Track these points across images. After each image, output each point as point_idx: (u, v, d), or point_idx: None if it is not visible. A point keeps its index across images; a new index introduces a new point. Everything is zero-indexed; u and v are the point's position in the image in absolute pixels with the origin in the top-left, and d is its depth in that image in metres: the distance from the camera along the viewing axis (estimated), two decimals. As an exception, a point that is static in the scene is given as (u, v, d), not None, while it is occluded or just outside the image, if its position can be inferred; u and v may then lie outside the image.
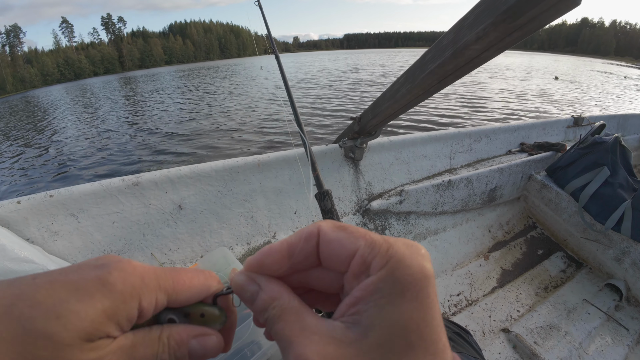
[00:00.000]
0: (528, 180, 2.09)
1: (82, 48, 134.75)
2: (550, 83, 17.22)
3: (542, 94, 13.03)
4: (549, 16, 0.56)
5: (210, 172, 1.29)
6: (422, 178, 1.84)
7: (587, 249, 1.82)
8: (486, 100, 11.08)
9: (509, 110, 9.56)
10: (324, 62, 42.84)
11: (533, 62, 43.54)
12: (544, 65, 35.97)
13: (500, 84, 15.98)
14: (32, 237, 1.03)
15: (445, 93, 11.92)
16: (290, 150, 1.48)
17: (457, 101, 10.89)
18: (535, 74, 22.87)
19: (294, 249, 0.24)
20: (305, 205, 1.55)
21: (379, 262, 0.21)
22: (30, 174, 6.80)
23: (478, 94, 12.72)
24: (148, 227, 1.21)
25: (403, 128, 7.45)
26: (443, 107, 9.78)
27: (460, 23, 0.71)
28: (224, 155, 6.36)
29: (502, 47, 0.67)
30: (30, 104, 24.77)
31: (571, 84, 17.25)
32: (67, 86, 58.96)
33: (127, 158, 6.95)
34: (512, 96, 12.40)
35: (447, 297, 1.61)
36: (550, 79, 19.43)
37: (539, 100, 11.54)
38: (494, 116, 8.72)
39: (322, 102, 11.56)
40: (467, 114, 8.81)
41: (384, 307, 0.19)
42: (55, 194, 1.05)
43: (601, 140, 1.82)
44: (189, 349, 0.24)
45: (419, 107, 8.96)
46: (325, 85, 16.67)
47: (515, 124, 2.28)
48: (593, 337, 1.41)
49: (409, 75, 0.98)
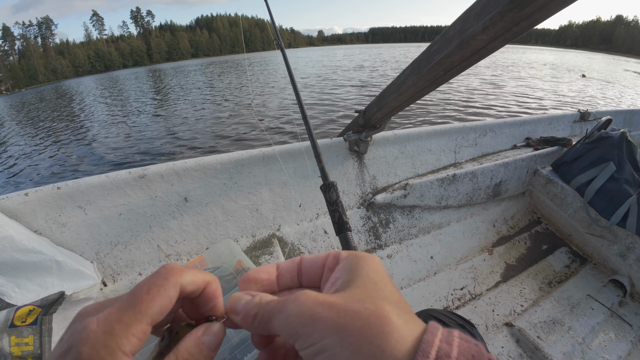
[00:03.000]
0: (533, 175, 2.08)
1: (112, 41, 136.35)
2: (575, 81, 16.57)
3: (557, 91, 12.74)
4: (555, 6, 0.56)
5: (215, 164, 1.30)
6: (426, 172, 1.84)
7: (592, 245, 1.81)
8: (495, 97, 10.93)
9: (519, 107, 9.44)
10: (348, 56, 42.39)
11: (564, 58, 42.19)
12: (575, 62, 34.70)
13: (516, 80, 15.58)
14: (40, 229, 1.05)
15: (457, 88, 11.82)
16: (295, 144, 1.48)
17: (465, 95, 10.80)
18: (562, 71, 22.11)
19: (280, 265, 0.32)
20: (309, 198, 1.56)
21: (344, 254, 0.29)
22: (54, 162, 6.97)
23: (488, 89, 12.58)
24: (154, 219, 1.22)
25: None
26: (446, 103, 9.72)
27: (467, 13, 0.70)
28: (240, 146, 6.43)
29: (509, 37, 0.66)
30: (63, 95, 25.44)
31: (598, 82, 16.56)
32: (97, 77, 60.44)
33: (151, 147, 7.06)
34: (528, 92, 12.14)
35: (451, 290, 1.61)
36: (577, 77, 18.65)
37: (554, 97, 11.32)
38: (500, 113, 8.63)
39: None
40: (473, 111, 8.73)
41: (354, 270, 0.27)
42: (63, 186, 1.06)
43: (607, 135, 1.80)
44: (207, 345, 0.27)
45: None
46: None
47: (521, 119, 2.26)
48: (596, 332, 1.41)
49: (414, 67, 0.97)
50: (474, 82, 13.73)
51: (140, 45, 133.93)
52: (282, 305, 0.25)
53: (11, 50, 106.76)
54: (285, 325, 0.24)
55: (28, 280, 0.88)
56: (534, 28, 0.64)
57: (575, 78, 17.85)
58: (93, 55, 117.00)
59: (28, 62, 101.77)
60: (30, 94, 39.09)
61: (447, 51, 0.77)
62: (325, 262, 0.30)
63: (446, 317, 0.84)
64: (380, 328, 0.21)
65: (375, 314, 0.22)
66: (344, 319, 0.22)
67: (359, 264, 0.27)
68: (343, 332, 0.21)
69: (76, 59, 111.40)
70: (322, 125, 7.33)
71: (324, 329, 0.22)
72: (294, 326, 0.23)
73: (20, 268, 0.87)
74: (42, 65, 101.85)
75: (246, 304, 0.27)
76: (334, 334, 0.22)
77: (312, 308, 0.23)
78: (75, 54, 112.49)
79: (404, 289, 1.60)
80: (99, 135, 8.81)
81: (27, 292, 0.86)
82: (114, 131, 9.13)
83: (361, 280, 0.26)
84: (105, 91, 23.04)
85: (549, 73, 18.56)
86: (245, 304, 0.27)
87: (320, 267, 0.31)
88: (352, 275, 0.26)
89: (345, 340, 0.21)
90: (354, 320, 0.22)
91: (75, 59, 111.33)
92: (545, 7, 0.57)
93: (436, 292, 1.60)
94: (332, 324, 0.22)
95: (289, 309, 0.24)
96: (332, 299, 0.24)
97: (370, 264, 0.27)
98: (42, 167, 6.67)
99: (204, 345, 0.26)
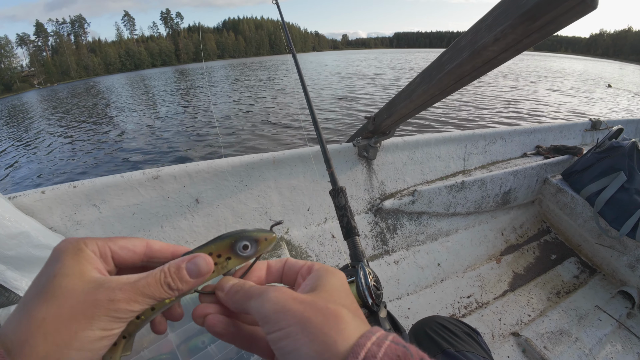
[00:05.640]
0: (543, 184, 2.07)
1: (142, 41, 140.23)
2: (600, 91, 16.26)
3: (577, 100, 12.58)
4: (566, 19, 0.57)
5: (227, 167, 1.32)
6: (435, 179, 1.84)
7: (601, 255, 1.79)
8: (508, 103, 10.85)
9: (531, 114, 9.37)
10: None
11: (594, 67, 41.59)
12: (606, 72, 34.03)
13: (536, 87, 15.40)
14: (55, 226, 1.07)
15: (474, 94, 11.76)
16: (305, 148, 1.50)
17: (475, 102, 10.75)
18: (588, 80, 21.79)
19: (270, 263, 0.39)
20: (318, 202, 1.57)
21: (317, 266, 0.35)
22: (82, 156, 7.18)
23: (498, 94, 12.47)
24: (166, 219, 1.24)
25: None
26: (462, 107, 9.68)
27: (478, 24, 0.71)
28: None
29: (520, 49, 0.67)
30: (92, 91, 26.62)
31: (624, 92, 16.24)
32: (128, 75, 62.79)
33: (173, 147, 7.20)
34: (546, 100, 12.04)
35: (457, 298, 1.61)
36: (603, 87, 18.27)
37: (571, 106, 11.18)
38: (506, 121, 8.58)
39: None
40: (476, 118, 8.67)
41: (322, 278, 0.32)
42: (79, 184, 1.09)
43: (618, 144, 1.79)
44: (187, 270, 0.31)
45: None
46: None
47: (531, 127, 2.25)
48: (604, 344, 1.40)
49: (425, 76, 0.98)
50: (492, 91, 13.58)
51: (169, 46, 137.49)
52: (261, 292, 0.30)
53: (44, 46, 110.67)
54: (260, 308, 0.29)
55: (43, 275, 0.90)
56: (563, 35, 0.64)
57: (602, 88, 17.54)
58: (123, 54, 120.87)
59: (61, 58, 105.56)
60: (62, 89, 41.09)
61: (459, 61, 0.78)
62: (300, 270, 0.36)
63: (452, 325, 0.85)
64: (336, 325, 0.26)
65: (335, 313, 0.27)
66: (309, 313, 0.27)
67: (327, 275, 0.33)
68: (306, 322, 0.26)
69: (107, 56, 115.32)
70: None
71: (292, 318, 0.26)
72: (267, 312, 0.28)
73: (35, 263, 0.90)
74: (74, 62, 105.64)
75: (233, 284, 0.34)
76: (298, 323, 0.26)
77: (286, 300, 0.28)
78: (107, 52, 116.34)
79: (410, 295, 1.60)
80: (126, 134, 8.99)
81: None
82: (142, 127, 9.39)
83: (327, 287, 0.31)
84: (136, 89, 23.83)
85: (573, 85, 18.06)
86: (232, 284, 0.34)
87: (295, 273, 0.36)
88: (321, 282, 0.32)
89: (307, 329, 0.25)
90: (316, 314, 0.26)
91: (107, 56, 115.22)
92: (557, 20, 0.58)
93: (442, 299, 1.60)
94: (299, 315, 0.26)
95: (266, 296, 0.29)
96: (303, 296, 0.29)
97: (336, 277, 0.33)
98: (61, 165, 6.83)
99: (183, 271, 0.31)
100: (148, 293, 0.29)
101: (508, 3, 0.62)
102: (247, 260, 0.36)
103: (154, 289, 0.30)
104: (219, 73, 32.44)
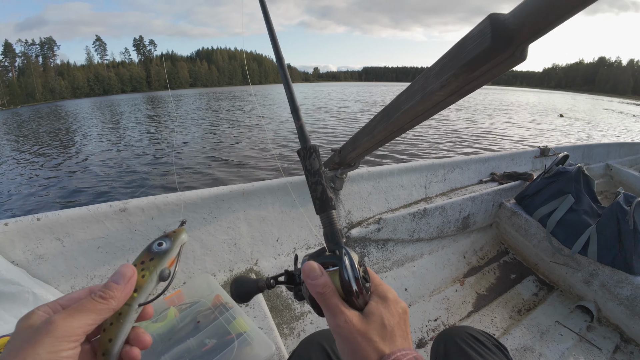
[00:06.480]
0: (499, 208, 2.20)
1: (112, 66, 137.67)
2: (552, 120, 17.59)
3: (532, 130, 13.50)
4: (500, 69, 0.66)
5: (196, 199, 1.33)
6: (399, 207, 1.92)
7: (557, 273, 1.90)
8: (465, 135, 11.50)
9: (485, 145, 9.93)
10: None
11: (548, 99, 44.69)
12: (559, 103, 36.85)
13: (492, 119, 16.42)
14: (17, 260, 1.05)
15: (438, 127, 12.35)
16: (274, 180, 1.54)
17: (437, 136, 11.28)
18: (541, 111, 23.37)
19: None
20: (287, 232, 1.59)
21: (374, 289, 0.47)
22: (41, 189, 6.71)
23: (457, 126, 13.18)
24: (132, 252, 1.23)
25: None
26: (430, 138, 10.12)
27: (428, 72, 0.80)
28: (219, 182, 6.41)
29: (463, 94, 0.77)
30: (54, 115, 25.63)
31: (574, 121, 17.64)
32: (95, 100, 61.09)
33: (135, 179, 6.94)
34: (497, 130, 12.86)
35: (425, 322, 1.65)
36: (555, 116, 19.74)
37: (526, 135, 12.04)
38: (463, 150, 9.05)
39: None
40: (436, 149, 9.08)
41: (377, 306, 0.43)
42: (43, 217, 1.07)
43: (565, 170, 1.95)
44: (111, 279, 0.37)
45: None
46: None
47: (485, 155, 2.42)
48: (567, 357, 1.46)
49: (384, 114, 1.07)
50: (451, 124, 14.30)
51: (140, 72, 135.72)
52: (338, 307, 0.42)
53: (11, 66, 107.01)
54: (329, 320, 0.43)
55: (5, 311, 0.87)
56: (518, 70, 0.72)
57: (553, 118, 18.88)
58: (92, 79, 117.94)
59: (27, 79, 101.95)
60: (25, 111, 39.70)
61: (412, 103, 0.87)
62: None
63: (483, 337, 0.85)
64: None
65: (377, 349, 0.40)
66: (359, 343, 0.40)
67: (383, 301, 0.45)
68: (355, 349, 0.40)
69: (75, 80, 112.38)
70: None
71: (346, 344, 0.41)
72: (332, 327, 0.42)
73: None
74: (40, 84, 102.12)
75: (319, 278, 0.44)
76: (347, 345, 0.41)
77: (351, 332, 0.41)
78: (75, 76, 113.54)
79: None
80: (90, 162, 8.63)
81: (4, 322, 0.85)
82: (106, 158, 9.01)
83: (380, 317, 0.42)
84: (101, 115, 23.29)
85: (527, 116, 19.41)
86: (318, 276, 0.44)
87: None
88: (375, 311, 0.43)
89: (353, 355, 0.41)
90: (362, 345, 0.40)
91: (75, 80, 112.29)
92: (492, 70, 0.67)
93: (411, 323, 1.63)
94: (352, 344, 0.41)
95: (341, 318, 0.41)
96: (363, 329, 0.41)
97: (389, 305, 0.45)
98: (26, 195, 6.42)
99: (109, 281, 0.36)
100: (83, 308, 0.33)
101: (452, 55, 0.71)
102: (168, 255, 0.40)
103: (88, 302, 0.34)
104: (188, 101, 32.56)
